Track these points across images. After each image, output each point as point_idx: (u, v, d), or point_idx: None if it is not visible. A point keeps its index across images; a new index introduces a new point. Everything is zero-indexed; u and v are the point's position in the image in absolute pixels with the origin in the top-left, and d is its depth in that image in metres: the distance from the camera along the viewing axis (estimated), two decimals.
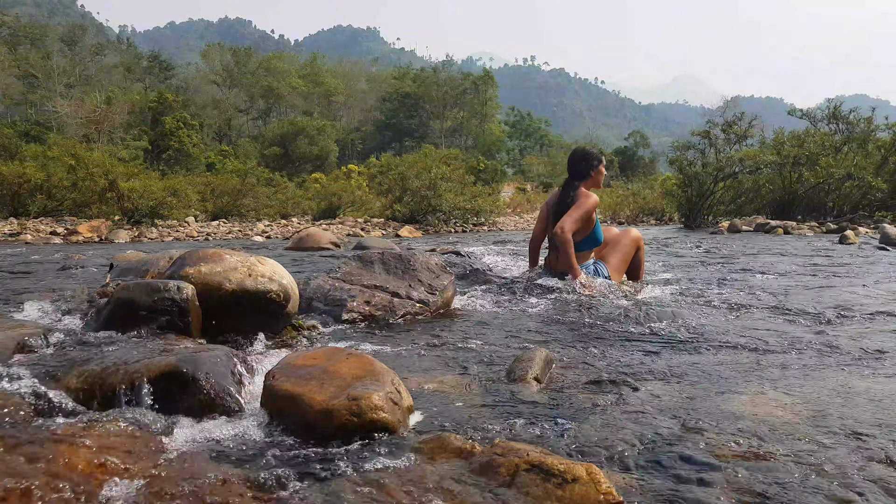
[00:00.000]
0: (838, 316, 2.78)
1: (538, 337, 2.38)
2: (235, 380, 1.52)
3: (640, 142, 59.47)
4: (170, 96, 39.50)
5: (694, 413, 1.49)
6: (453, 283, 3.09)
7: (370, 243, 7.30)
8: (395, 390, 1.38)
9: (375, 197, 22.00)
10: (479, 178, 25.80)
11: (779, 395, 1.64)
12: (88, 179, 14.86)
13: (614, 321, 2.67)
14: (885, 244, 7.15)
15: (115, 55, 58.86)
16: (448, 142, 53.47)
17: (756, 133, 16.06)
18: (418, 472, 1.10)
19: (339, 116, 58.89)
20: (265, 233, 14.05)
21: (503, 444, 1.14)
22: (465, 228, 16.95)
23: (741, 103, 17.66)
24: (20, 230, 11.85)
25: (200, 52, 60.96)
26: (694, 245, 8.17)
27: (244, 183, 19.91)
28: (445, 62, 65.54)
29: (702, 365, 1.96)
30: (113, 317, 2.00)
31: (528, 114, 73.91)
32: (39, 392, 1.37)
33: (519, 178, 47.95)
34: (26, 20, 54.70)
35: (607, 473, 1.12)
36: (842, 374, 1.85)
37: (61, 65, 47.89)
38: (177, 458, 1.15)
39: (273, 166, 36.39)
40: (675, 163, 16.40)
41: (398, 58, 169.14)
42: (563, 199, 3.66)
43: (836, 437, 1.33)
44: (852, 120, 17.40)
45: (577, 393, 1.66)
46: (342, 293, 2.73)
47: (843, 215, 14.67)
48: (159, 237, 12.21)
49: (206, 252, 2.24)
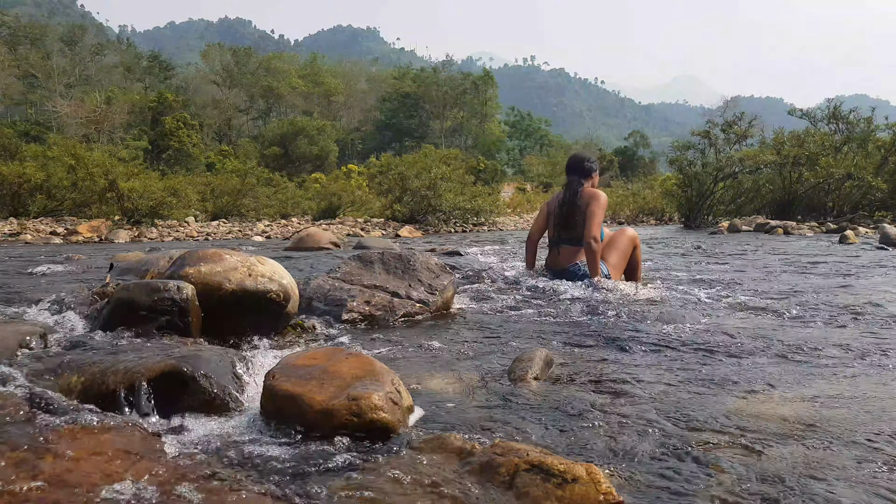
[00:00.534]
0: (839, 315, 2.78)
1: (538, 337, 2.38)
2: (235, 380, 1.52)
3: (640, 142, 59.49)
4: (170, 96, 39.50)
5: (694, 413, 1.49)
6: (453, 283, 3.09)
7: (370, 243, 7.31)
8: (395, 390, 1.38)
9: (375, 197, 21.99)
10: (479, 178, 25.79)
11: (779, 394, 1.64)
12: (88, 179, 14.86)
13: (614, 321, 2.67)
14: (884, 244, 7.15)
15: (115, 55, 58.80)
16: (448, 142, 53.46)
17: (756, 133, 16.06)
18: (418, 472, 1.10)
19: (339, 116, 58.91)
20: (265, 233, 14.05)
21: (503, 443, 1.14)
22: (465, 228, 16.95)
23: (741, 103, 17.65)
24: (20, 230, 11.85)
25: (200, 52, 60.93)
26: (694, 245, 8.17)
27: (244, 183, 19.90)
28: (445, 62, 65.48)
29: (702, 365, 1.96)
30: (113, 317, 2.00)
31: (528, 114, 73.91)
32: (39, 392, 1.37)
33: (519, 178, 47.95)
34: (26, 20, 54.67)
35: (607, 473, 1.12)
36: (843, 373, 1.85)
37: (61, 65, 47.88)
38: (176, 459, 1.15)
39: (273, 166, 36.39)
40: (675, 163, 16.41)
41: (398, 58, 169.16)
42: (569, 198, 3.68)
43: (837, 438, 1.33)
44: (852, 120, 17.41)
45: (577, 393, 1.66)
46: (342, 293, 2.73)
47: (842, 215, 14.67)
48: (159, 237, 12.21)
49: (206, 252, 2.24)
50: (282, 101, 54.99)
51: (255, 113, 56.16)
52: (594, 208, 3.54)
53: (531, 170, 50.64)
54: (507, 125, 68.18)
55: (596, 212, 3.53)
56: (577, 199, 3.64)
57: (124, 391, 1.38)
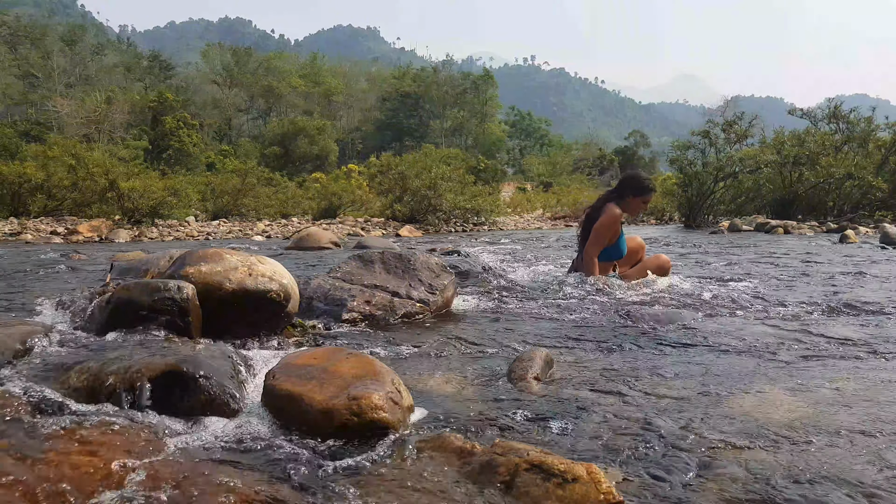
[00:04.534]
0: (839, 315, 2.78)
1: (538, 337, 2.38)
2: (235, 379, 1.52)
3: (640, 141, 59.41)
4: (170, 96, 39.46)
5: (694, 413, 1.49)
6: (454, 282, 3.09)
7: (370, 243, 7.31)
8: (395, 390, 1.38)
9: (375, 197, 21.97)
10: (480, 178, 25.75)
11: (779, 394, 1.64)
12: (88, 179, 14.86)
13: (615, 321, 2.67)
14: (885, 243, 7.15)
15: (116, 55, 58.83)
16: (448, 141, 53.42)
17: (756, 133, 16.07)
18: (418, 472, 1.10)
19: (339, 116, 58.83)
20: (265, 232, 14.04)
21: (503, 443, 1.14)
22: (465, 228, 16.95)
23: (741, 103, 17.66)
24: (20, 230, 11.85)
25: (200, 52, 60.88)
26: (694, 245, 8.17)
27: (244, 183, 19.87)
28: (445, 62, 65.51)
29: (702, 365, 1.96)
30: (113, 316, 2.00)
31: (528, 114, 73.83)
32: (40, 392, 1.37)
33: (519, 178, 47.93)
34: (26, 20, 54.58)
35: (607, 473, 1.12)
36: (843, 373, 1.85)
37: (61, 65, 47.85)
38: (177, 458, 1.15)
39: (273, 166, 36.35)
40: (676, 162, 16.42)
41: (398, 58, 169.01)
42: (591, 213, 3.72)
43: (838, 437, 1.33)
44: (852, 119, 17.41)
45: (577, 393, 1.66)
46: (342, 293, 2.73)
47: (843, 215, 14.67)
48: (159, 237, 12.21)
49: (207, 252, 2.24)
50: (282, 101, 54.94)
51: (255, 113, 56.13)
52: (598, 224, 3.59)
53: (531, 170, 50.61)
54: (508, 125, 68.10)
55: (596, 229, 3.58)
56: (595, 217, 3.68)
57: (125, 391, 1.38)
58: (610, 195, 3.73)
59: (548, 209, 25.61)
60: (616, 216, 3.58)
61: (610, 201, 3.66)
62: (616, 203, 3.63)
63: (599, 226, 3.58)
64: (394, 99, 59.81)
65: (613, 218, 3.57)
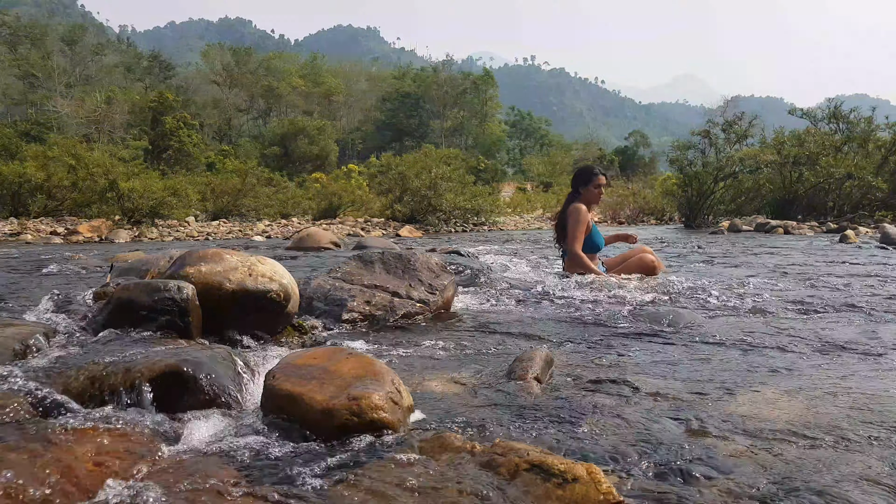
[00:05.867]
0: (839, 315, 2.78)
1: (538, 337, 2.38)
2: (236, 380, 1.52)
3: (640, 141, 59.45)
4: (170, 96, 39.44)
5: (694, 412, 1.49)
6: (454, 282, 3.09)
7: (370, 243, 7.30)
8: (395, 390, 1.38)
9: (375, 197, 21.97)
10: (480, 178, 25.78)
11: (779, 394, 1.64)
12: (89, 179, 14.86)
13: (615, 321, 2.67)
14: (885, 243, 7.15)
15: (116, 55, 58.81)
16: (448, 141, 53.40)
17: (756, 133, 16.07)
18: (419, 472, 1.10)
19: (339, 116, 58.83)
20: (265, 232, 14.04)
21: (503, 443, 1.14)
22: (465, 228, 16.95)
23: (741, 103, 17.65)
24: (20, 230, 11.85)
25: (200, 52, 60.93)
26: (694, 245, 8.17)
27: (244, 183, 19.88)
28: (445, 62, 65.42)
29: (702, 364, 1.96)
30: (113, 317, 2.00)
31: (528, 114, 73.84)
32: (40, 392, 1.37)
33: (519, 178, 47.94)
34: (26, 20, 54.58)
35: (607, 473, 1.12)
36: (844, 373, 1.85)
37: (61, 65, 47.86)
38: (177, 458, 1.15)
39: (273, 166, 36.36)
40: (676, 162, 16.42)
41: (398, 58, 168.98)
42: (561, 216, 4.01)
43: (838, 437, 1.33)
44: (852, 120, 17.43)
45: (578, 393, 1.66)
46: (342, 293, 2.73)
47: (843, 215, 14.67)
48: (159, 237, 12.21)
49: (207, 252, 2.24)
50: (282, 101, 54.95)
51: (255, 113, 56.12)
52: (570, 223, 3.85)
53: (531, 170, 50.60)
54: (508, 125, 68.10)
55: (571, 228, 3.83)
56: (564, 216, 3.94)
57: (125, 391, 1.38)
58: (569, 196, 4.05)
59: (548, 209, 25.63)
60: (579, 209, 3.85)
61: (571, 201, 3.96)
62: (576, 199, 3.94)
63: (570, 224, 3.84)
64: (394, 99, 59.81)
65: (578, 211, 3.85)
